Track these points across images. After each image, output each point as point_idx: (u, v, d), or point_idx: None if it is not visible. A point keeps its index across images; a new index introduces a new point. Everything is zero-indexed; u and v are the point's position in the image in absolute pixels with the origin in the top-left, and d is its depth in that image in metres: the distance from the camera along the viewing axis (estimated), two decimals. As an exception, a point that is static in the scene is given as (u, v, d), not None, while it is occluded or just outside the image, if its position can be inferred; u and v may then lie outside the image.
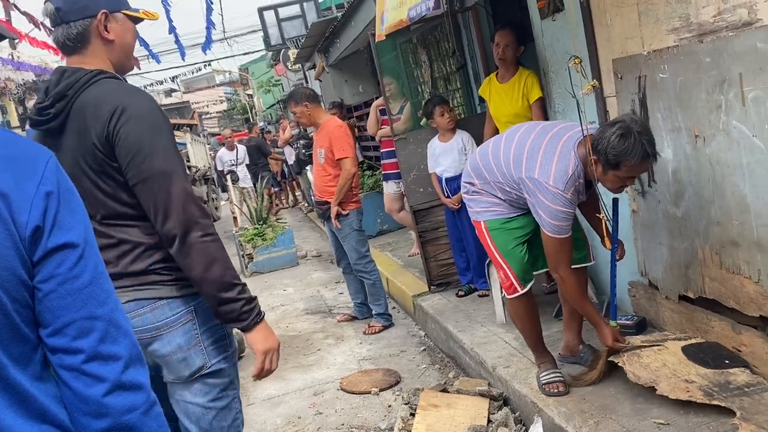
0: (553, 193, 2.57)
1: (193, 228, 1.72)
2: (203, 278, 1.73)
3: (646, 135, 2.43)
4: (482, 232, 2.94)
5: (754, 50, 2.29)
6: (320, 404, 3.67)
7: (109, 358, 0.91)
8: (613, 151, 2.43)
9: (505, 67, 3.95)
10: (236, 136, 16.98)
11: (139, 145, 1.68)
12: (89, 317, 0.90)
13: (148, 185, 1.69)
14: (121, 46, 1.83)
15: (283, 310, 5.84)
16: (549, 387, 2.86)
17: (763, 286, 2.51)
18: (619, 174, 2.49)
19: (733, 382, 2.46)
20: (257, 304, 1.84)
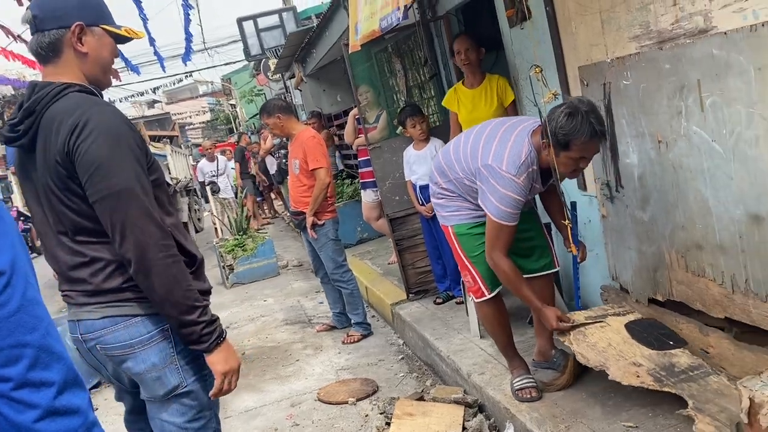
0: (506, 178, 2.59)
1: (150, 249, 1.68)
2: (164, 300, 1.72)
3: (593, 114, 2.48)
4: (450, 236, 2.98)
5: (711, 57, 2.33)
6: (297, 415, 3.66)
7: (40, 384, 0.90)
8: (562, 130, 2.47)
9: (471, 72, 4.01)
10: (220, 146, 16.95)
11: (97, 161, 1.65)
12: (17, 345, 0.89)
13: (105, 204, 1.67)
14: (95, 60, 1.81)
15: (263, 321, 5.81)
16: (522, 393, 2.88)
17: (727, 288, 2.54)
18: (570, 155, 2.53)
19: (677, 364, 2.47)
20: (218, 325, 1.83)
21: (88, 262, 1.75)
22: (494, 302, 2.97)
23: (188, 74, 22.01)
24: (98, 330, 1.78)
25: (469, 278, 2.99)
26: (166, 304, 1.72)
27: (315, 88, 9.69)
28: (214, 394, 1.85)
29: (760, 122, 2.18)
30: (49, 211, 1.77)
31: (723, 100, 2.32)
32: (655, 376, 2.40)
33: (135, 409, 2.03)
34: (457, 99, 4.10)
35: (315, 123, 7.93)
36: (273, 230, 11.42)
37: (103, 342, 1.79)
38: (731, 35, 2.21)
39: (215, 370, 1.81)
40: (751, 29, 2.12)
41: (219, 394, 1.85)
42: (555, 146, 2.52)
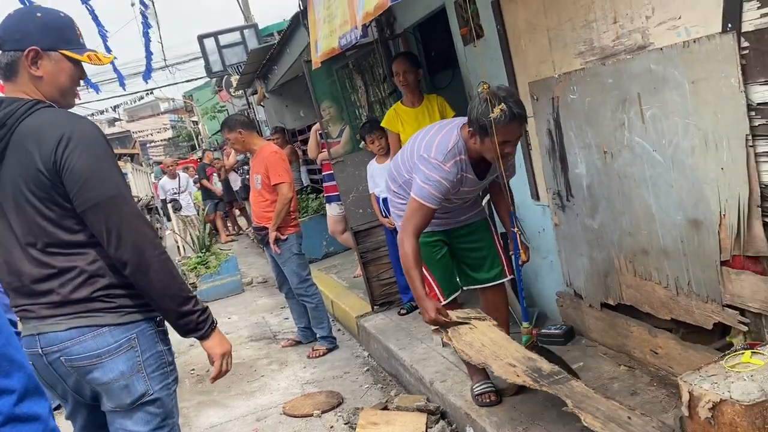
0: (433, 163, 2.70)
1: (147, 248, 1.78)
2: (162, 295, 1.81)
3: (511, 98, 2.57)
4: None
5: (649, 71, 2.47)
6: (263, 429, 3.67)
7: (1, 392, 0.94)
8: (482, 116, 2.56)
9: (410, 92, 4.19)
10: (183, 163, 16.79)
11: (87, 172, 1.72)
12: None
13: (98, 210, 1.74)
14: (51, 84, 1.85)
15: (228, 338, 5.76)
16: (481, 398, 2.96)
17: (672, 290, 2.68)
18: (493, 139, 2.60)
19: (542, 369, 2.54)
20: (210, 313, 1.94)
21: (56, 273, 1.78)
22: (451, 308, 3.05)
23: (149, 92, 21.82)
24: (64, 341, 1.80)
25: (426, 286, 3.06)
26: (164, 298, 1.81)
27: (278, 104, 9.73)
28: (214, 377, 1.97)
29: (695, 133, 2.33)
30: (19, 223, 1.79)
31: (661, 112, 2.46)
32: (531, 377, 2.49)
33: (88, 425, 2.03)
34: (399, 119, 4.23)
35: (279, 138, 7.96)
36: (237, 247, 11.36)
37: (69, 353, 1.81)
38: (667, 51, 2.36)
39: (214, 353, 1.94)
40: (684, 45, 2.27)
41: (219, 375, 1.98)
42: (479, 133, 2.62)
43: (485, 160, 2.76)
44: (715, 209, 2.32)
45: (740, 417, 1.78)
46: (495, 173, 2.90)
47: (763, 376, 1.88)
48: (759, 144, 2.09)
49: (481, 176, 2.84)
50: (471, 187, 2.87)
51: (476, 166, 2.80)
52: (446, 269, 3.08)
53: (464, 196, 2.93)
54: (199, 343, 1.97)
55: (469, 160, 2.76)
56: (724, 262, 2.36)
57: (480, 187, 2.96)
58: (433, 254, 3.04)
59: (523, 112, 2.59)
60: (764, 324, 2.31)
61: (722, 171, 2.25)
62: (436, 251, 3.05)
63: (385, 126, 4.35)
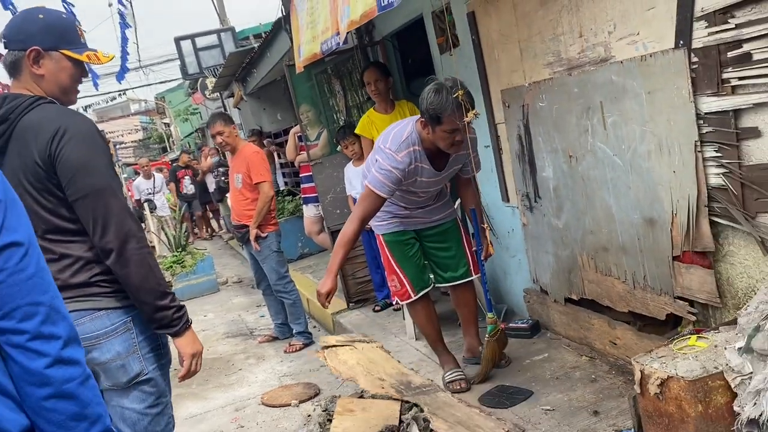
0: (387, 153, 2.89)
1: (130, 240, 1.88)
2: (140, 287, 1.90)
3: (456, 88, 2.75)
4: (381, 243, 3.29)
5: (611, 82, 2.69)
6: (242, 418, 3.80)
7: (50, 337, 1.08)
8: (432, 106, 2.74)
9: (382, 99, 4.41)
10: (155, 164, 16.69)
11: (79, 163, 1.83)
12: (33, 303, 1.07)
13: (87, 201, 1.84)
14: (52, 83, 1.95)
15: (204, 334, 5.88)
16: (452, 385, 3.14)
17: (629, 284, 2.90)
18: (443, 128, 2.77)
19: (412, 382, 2.87)
20: (186, 311, 2.03)
21: (56, 259, 1.89)
22: (422, 303, 3.29)
23: (122, 92, 21.64)
24: None
25: (396, 282, 3.28)
26: (141, 291, 1.90)
27: (255, 107, 9.84)
28: (182, 376, 2.04)
29: (651, 139, 2.55)
30: None
31: (621, 119, 2.69)
32: (396, 389, 2.80)
33: None
34: (373, 125, 4.41)
35: (255, 141, 8.06)
36: (211, 248, 11.39)
37: None
38: (626, 63, 2.58)
39: (184, 352, 2.01)
40: (641, 59, 2.49)
41: (187, 375, 2.04)
42: (429, 122, 2.79)
43: (443, 152, 2.93)
44: (668, 209, 2.55)
45: (684, 391, 1.99)
46: (456, 165, 3.08)
47: (706, 356, 2.10)
48: (706, 150, 2.32)
49: (438, 168, 2.99)
50: (429, 178, 3.00)
51: (433, 159, 2.95)
52: (417, 266, 3.27)
53: (427, 188, 3.08)
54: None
55: (424, 151, 2.92)
56: (675, 257, 2.58)
57: (443, 179, 3.11)
58: (405, 251, 3.23)
59: (471, 100, 2.76)
60: (710, 314, 2.53)
61: (674, 174, 2.47)
62: (408, 248, 3.24)
63: (359, 132, 4.53)
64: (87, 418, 1.12)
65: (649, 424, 2.17)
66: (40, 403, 1.07)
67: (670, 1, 2.30)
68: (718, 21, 2.15)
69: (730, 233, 2.35)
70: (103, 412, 1.17)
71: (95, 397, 1.15)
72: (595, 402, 2.76)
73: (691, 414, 1.99)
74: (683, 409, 2.01)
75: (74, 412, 1.10)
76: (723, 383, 1.97)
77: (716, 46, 2.18)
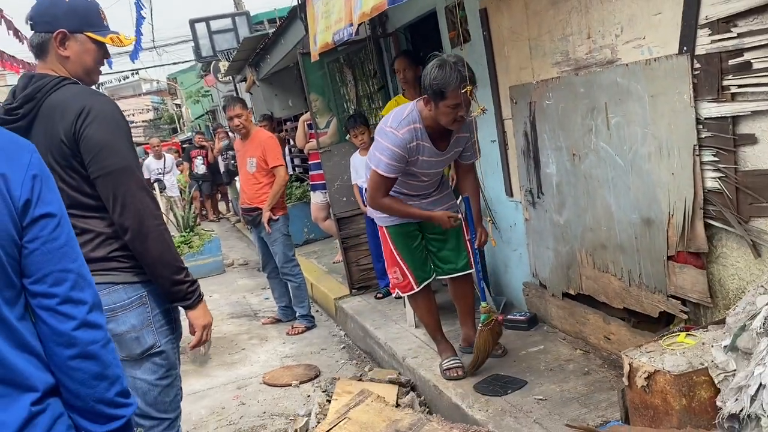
0: (388, 132, 2.93)
1: (147, 218, 1.97)
2: (157, 262, 1.99)
3: (460, 63, 2.78)
4: (384, 236, 3.34)
5: (616, 84, 2.76)
6: (243, 396, 3.92)
7: (78, 302, 1.18)
8: (435, 81, 2.76)
9: (410, 87, 4.43)
10: (165, 145, 16.81)
11: (102, 143, 1.91)
12: (63, 270, 1.16)
13: (108, 179, 1.93)
14: (77, 64, 2.04)
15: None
16: (449, 372, 3.23)
17: (625, 282, 2.97)
18: (447, 104, 2.79)
19: (400, 429, 2.88)
20: (198, 286, 2.14)
21: (78, 233, 1.97)
22: (423, 294, 3.35)
23: (135, 72, 21.72)
24: None
25: (399, 274, 3.33)
26: (158, 265, 1.99)
27: (267, 92, 9.91)
28: (194, 344, 2.15)
29: (652, 141, 2.62)
30: None
31: (625, 120, 2.75)
32: None
33: None
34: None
35: (266, 126, 8.15)
36: (219, 230, 11.51)
37: None
38: (631, 66, 2.64)
39: (197, 324, 2.12)
40: (646, 63, 2.56)
41: (199, 344, 2.16)
42: (433, 98, 2.81)
43: (444, 133, 2.96)
44: (665, 210, 2.62)
45: (670, 385, 2.08)
46: (458, 148, 3.11)
47: (693, 353, 2.18)
48: (704, 154, 2.39)
49: (440, 148, 3.03)
50: (431, 158, 3.02)
51: (434, 138, 2.99)
52: (420, 258, 3.33)
53: (428, 170, 3.09)
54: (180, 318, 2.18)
55: (426, 129, 2.95)
56: (670, 257, 2.66)
57: (444, 160, 3.13)
58: (409, 243, 3.29)
59: (473, 75, 2.79)
60: (702, 313, 2.61)
61: (673, 176, 2.54)
62: (411, 240, 3.30)
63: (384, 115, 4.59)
64: (107, 378, 1.22)
65: (636, 415, 2.26)
66: (66, 362, 1.17)
67: (676, 8, 2.36)
68: (720, 29, 2.21)
69: (723, 236, 2.42)
70: (122, 374, 1.26)
71: (115, 360, 1.25)
72: (587, 393, 2.85)
73: (676, 407, 2.08)
74: (668, 402, 2.10)
75: (96, 371, 1.20)
76: (707, 379, 2.06)
77: (718, 53, 2.24)
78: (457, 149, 3.14)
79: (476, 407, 2.92)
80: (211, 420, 3.66)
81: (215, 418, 3.68)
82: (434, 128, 2.97)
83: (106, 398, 1.23)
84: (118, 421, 1.26)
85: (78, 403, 1.21)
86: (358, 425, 3.04)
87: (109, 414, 1.24)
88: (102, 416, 1.23)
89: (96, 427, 1.24)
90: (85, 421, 1.23)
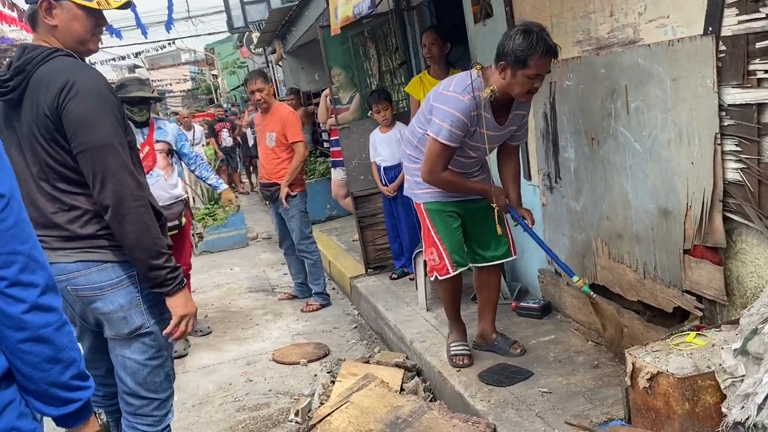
0: (450, 97, 2.76)
1: (126, 198, 1.91)
2: (135, 245, 1.94)
3: (545, 32, 2.63)
4: (422, 213, 3.11)
5: (637, 65, 2.60)
6: (251, 373, 3.92)
7: (28, 285, 1.14)
8: (519, 47, 2.60)
9: (436, 64, 4.27)
10: (200, 116, 16.92)
11: (83, 118, 1.86)
12: (12, 252, 1.12)
13: (88, 155, 1.88)
14: (66, 33, 1.98)
15: (228, 287, 6.04)
16: (456, 359, 3.16)
17: (640, 274, 2.84)
18: (527, 73, 2.63)
19: (401, 416, 2.81)
20: (180, 273, 2.06)
21: (66, 209, 1.96)
22: (455, 279, 3.14)
23: (170, 41, 21.83)
24: (72, 272, 1.99)
25: (435, 255, 3.09)
26: (136, 248, 1.94)
27: (294, 66, 9.84)
28: (168, 332, 2.07)
29: (672, 127, 2.47)
30: (33, 160, 1.97)
31: (645, 105, 2.60)
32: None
33: (93, 348, 2.24)
34: (422, 87, 4.33)
35: (293, 99, 8.09)
36: (246, 202, 11.58)
37: (75, 283, 2.00)
38: (654, 47, 2.48)
39: (175, 312, 2.05)
40: (669, 44, 2.40)
41: (175, 335, 2.07)
42: (513, 65, 2.64)
43: (505, 107, 2.80)
44: (683, 200, 2.47)
45: (673, 388, 1.97)
46: (513, 126, 2.93)
47: (700, 354, 2.06)
48: (726, 142, 2.24)
49: (499, 122, 2.85)
50: (488, 131, 2.83)
51: (494, 112, 2.81)
52: (459, 242, 3.10)
53: (480, 145, 2.89)
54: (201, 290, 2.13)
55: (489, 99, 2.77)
56: (686, 250, 2.52)
57: (501, 136, 2.94)
58: (449, 223, 3.06)
59: (556, 46, 2.65)
60: (717, 310, 2.48)
61: (692, 165, 2.39)
62: (452, 221, 3.07)
63: (408, 91, 4.47)
64: (61, 361, 1.19)
65: (638, 417, 2.16)
66: (17, 345, 1.14)
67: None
68: (749, 9, 2.04)
69: (743, 231, 2.28)
70: (78, 357, 1.23)
71: (70, 343, 1.21)
72: (594, 388, 2.75)
73: (678, 411, 1.97)
74: (670, 406, 1.99)
75: (49, 355, 1.17)
76: (713, 383, 1.94)
77: (745, 35, 2.07)
78: (512, 127, 2.95)
79: (478, 397, 2.85)
80: (217, 395, 3.68)
81: (221, 393, 3.69)
82: (497, 99, 2.77)
83: (60, 381, 1.20)
84: (74, 404, 1.24)
85: (31, 386, 1.19)
86: (360, 410, 3.01)
87: (64, 397, 1.22)
88: (57, 399, 1.22)
89: (51, 410, 1.22)
90: (40, 403, 1.21)
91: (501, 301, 3.79)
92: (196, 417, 3.44)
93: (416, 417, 2.85)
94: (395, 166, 4.61)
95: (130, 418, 2.16)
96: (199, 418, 3.42)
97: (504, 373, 3.02)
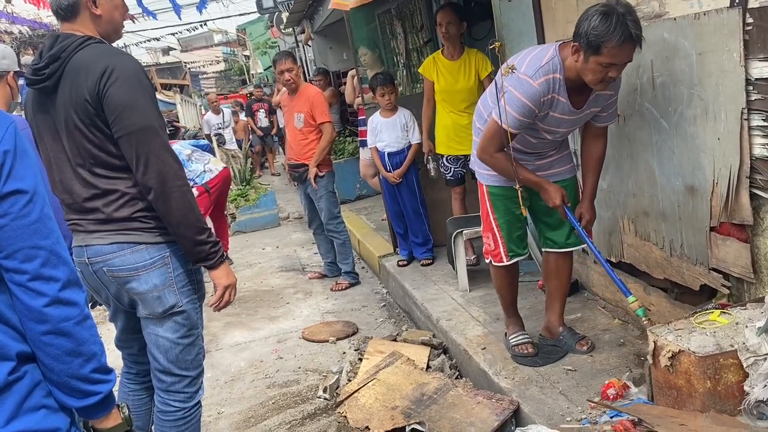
0: (521, 80, 2.50)
1: (170, 177, 1.99)
2: (180, 222, 2.03)
3: (630, 15, 2.28)
4: (483, 194, 2.94)
5: (663, 40, 2.55)
6: (282, 350, 4.01)
7: (49, 279, 1.19)
8: (594, 31, 2.29)
9: (451, 45, 4.18)
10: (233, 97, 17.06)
11: (125, 102, 1.94)
12: (34, 247, 1.18)
13: (131, 138, 1.95)
14: (108, 22, 2.07)
15: (260, 267, 6.16)
16: (518, 348, 2.98)
17: (666, 251, 2.81)
18: (600, 60, 2.33)
19: (426, 393, 2.80)
20: (221, 246, 2.17)
21: (101, 193, 2.03)
22: (509, 268, 3.02)
23: (203, 23, 21.97)
24: (107, 254, 2.07)
25: (491, 240, 2.96)
26: (181, 225, 2.03)
27: (322, 46, 9.83)
28: (213, 303, 2.18)
29: (698, 103, 2.42)
30: (70, 146, 2.03)
31: (670, 80, 2.55)
32: (405, 413, 2.78)
33: (127, 328, 2.34)
34: (436, 69, 4.25)
35: (321, 80, 8.09)
36: (279, 183, 11.71)
37: (111, 264, 2.08)
38: (679, 21, 2.43)
39: (219, 283, 2.16)
40: (695, 17, 2.34)
41: (220, 305, 2.20)
42: (585, 50, 2.35)
43: (584, 88, 2.52)
44: (710, 177, 2.43)
45: (694, 366, 1.97)
46: (595, 108, 2.65)
47: (723, 333, 2.05)
48: (753, 118, 2.19)
49: (576, 105, 2.58)
50: (563, 115, 2.60)
51: (572, 93, 2.54)
52: (518, 230, 2.95)
53: (556, 128, 2.67)
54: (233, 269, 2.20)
55: (565, 81, 2.51)
56: (712, 228, 2.48)
57: (577, 120, 2.68)
58: (510, 209, 2.87)
59: (640, 33, 2.30)
60: (745, 288, 2.44)
61: (718, 141, 2.35)
62: (514, 207, 2.84)
63: (421, 72, 4.39)
64: (81, 354, 1.23)
65: (660, 395, 2.17)
66: (39, 337, 1.19)
67: (729, -45, 2.13)
68: (777, -21, 1.98)
69: (771, 208, 2.23)
70: (98, 351, 1.27)
71: (91, 337, 1.26)
72: (618, 366, 2.75)
73: (699, 390, 1.97)
74: (692, 384, 1.99)
75: (69, 348, 1.22)
76: (735, 362, 1.93)
77: (773, 6, 2.02)
78: (594, 109, 2.65)
79: (503, 374, 2.87)
80: (249, 372, 3.78)
81: (253, 370, 3.80)
82: (575, 81, 2.49)
83: (80, 374, 1.24)
84: (95, 397, 1.27)
85: (53, 377, 1.23)
86: (386, 386, 3.07)
87: (85, 390, 1.26)
88: (78, 391, 1.25)
89: (72, 401, 1.26)
90: (62, 394, 1.25)
91: (530, 279, 3.80)
92: (228, 393, 3.55)
93: (441, 394, 2.90)
94: (399, 151, 4.58)
95: (162, 394, 2.25)
96: (231, 394, 3.53)
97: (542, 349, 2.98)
